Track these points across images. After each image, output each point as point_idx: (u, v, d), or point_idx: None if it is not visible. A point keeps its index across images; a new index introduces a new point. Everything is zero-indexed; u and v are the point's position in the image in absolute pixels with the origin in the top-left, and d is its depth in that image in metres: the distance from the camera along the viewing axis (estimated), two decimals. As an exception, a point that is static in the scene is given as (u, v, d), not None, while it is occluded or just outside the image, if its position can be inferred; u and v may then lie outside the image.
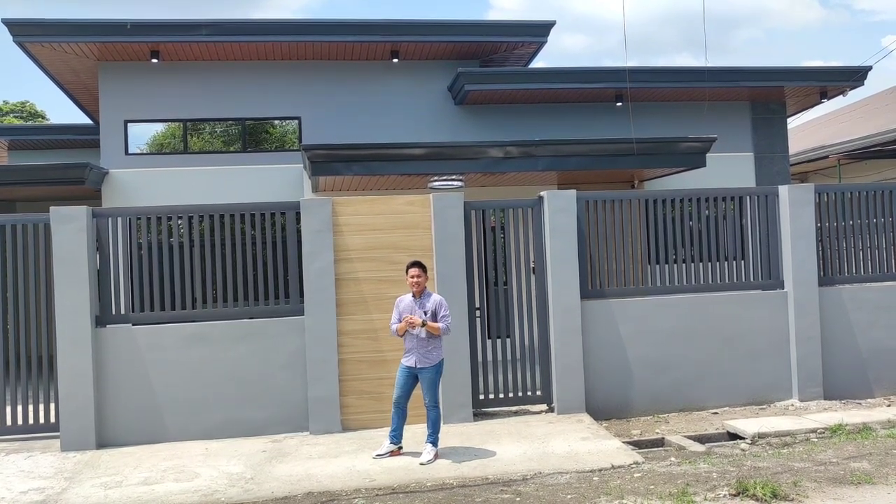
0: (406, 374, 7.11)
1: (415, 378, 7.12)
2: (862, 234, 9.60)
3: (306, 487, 6.36)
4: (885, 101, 21.69)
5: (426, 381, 7.07)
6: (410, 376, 7.11)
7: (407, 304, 7.15)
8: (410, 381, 7.12)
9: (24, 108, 31.83)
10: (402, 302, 7.20)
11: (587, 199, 8.91)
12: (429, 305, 7.09)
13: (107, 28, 12.25)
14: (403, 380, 7.12)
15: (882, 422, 7.91)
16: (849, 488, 5.80)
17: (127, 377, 8.04)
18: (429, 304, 7.10)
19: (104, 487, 6.58)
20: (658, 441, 7.85)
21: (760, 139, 14.90)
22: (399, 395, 7.12)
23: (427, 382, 7.07)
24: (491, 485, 6.24)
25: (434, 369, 7.08)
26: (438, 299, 7.19)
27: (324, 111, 13.62)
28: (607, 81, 13.46)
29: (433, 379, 7.08)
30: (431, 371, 7.07)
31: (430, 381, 7.07)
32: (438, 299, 7.19)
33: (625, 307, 8.88)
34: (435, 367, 7.09)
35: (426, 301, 7.12)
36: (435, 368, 7.09)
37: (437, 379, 7.11)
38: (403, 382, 7.12)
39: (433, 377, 7.08)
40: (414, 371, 7.08)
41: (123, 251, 8.24)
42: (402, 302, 7.20)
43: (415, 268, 7.13)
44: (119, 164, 13.11)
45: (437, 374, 7.12)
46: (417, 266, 7.15)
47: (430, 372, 7.07)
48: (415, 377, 7.11)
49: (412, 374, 7.10)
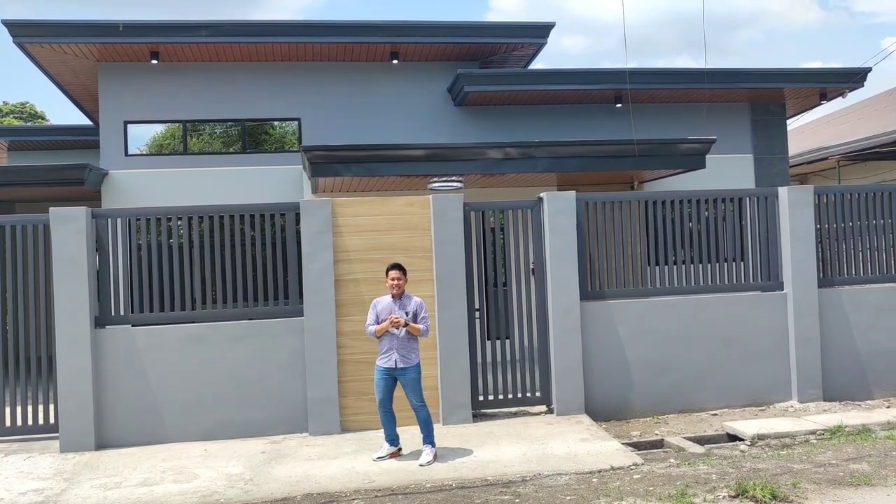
0: (385, 375, 7.12)
1: (394, 379, 7.14)
2: (861, 236, 9.60)
3: (305, 489, 6.36)
4: (885, 103, 21.70)
5: (409, 382, 7.09)
6: (390, 378, 7.13)
7: (385, 305, 7.16)
8: (391, 383, 7.14)
9: (23, 108, 31.86)
10: (379, 303, 7.22)
11: (587, 201, 8.92)
12: (410, 307, 7.12)
13: (107, 29, 12.25)
14: (384, 382, 7.13)
15: (881, 423, 7.91)
16: (848, 490, 5.80)
17: (126, 378, 8.03)
18: (410, 305, 7.14)
19: (103, 488, 6.57)
20: (657, 442, 7.84)
21: (760, 140, 14.90)
22: (382, 397, 7.13)
23: (410, 383, 7.09)
24: (490, 486, 6.24)
25: (414, 369, 7.12)
26: (419, 301, 7.22)
27: (324, 112, 13.62)
28: (607, 83, 13.46)
29: (415, 379, 7.11)
30: (412, 371, 7.10)
31: (413, 381, 7.10)
32: (419, 301, 7.22)
33: (624, 308, 8.88)
34: (415, 367, 7.13)
35: (406, 303, 7.16)
36: (415, 368, 7.13)
37: (418, 378, 7.15)
38: (384, 385, 7.13)
39: (415, 377, 7.11)
40: (393, 373, 7.10)
41: (123, 252, 8.24)
42: (380, 303, 7.21)
43: (395, 270, 7.17)
44: (119, 165, 13.11)
45: (419, 374, 7.16)
46: (398, 269, 7.19)
47: (412, 372, 7.10)
48: (394, 379, 7.14)
49: (391, 376, 7.12)
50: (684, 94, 14.04)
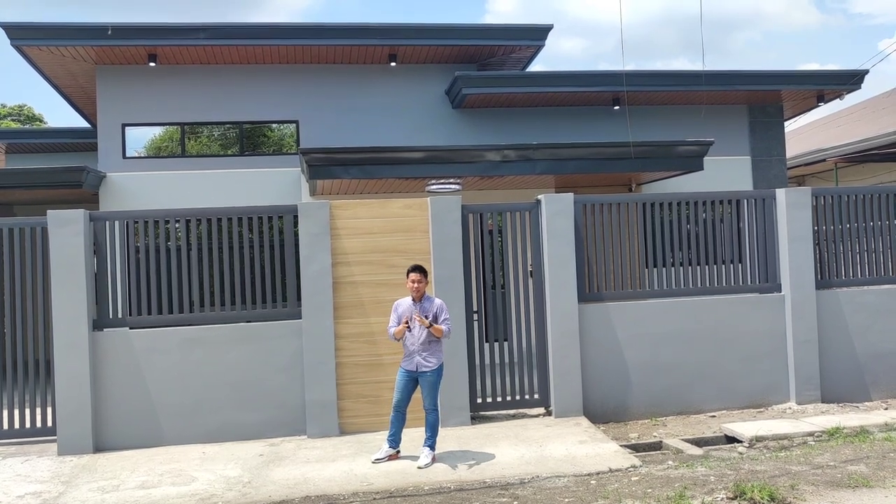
0: (406, 378, 7.10)
1: (415, 382, 7.11)
2: (859, 238, 9.61)
3: (304, 491, 6.35)
4: (882, 105, 21.74)
5: (427, 384, 7.06)
6: (411, 380, 7.10)
7: (406, 307, 7.14)
8: (411, 385, 7.11)
9: (21, 111, 31.83)
10: (400, 305, 7.20)
11: (584, 203, 8.92)
12: (431, 309, 7.09)
13: (104, 32, 12.24)
14: (403, 384, 7.11)
15: (879, 425, 7.92)
16: (846, 491, 5.80)
17: (124, 381, 8.02)
18: (431, 307, 7.10)
19: (101, 491, 6.56)
20: (656, 444, 7.84)
21: (757, 142, 14.93)
22: (399, 398, 7.11)
23: (428, 386, 7.06)
24: (488, 488, 6.24)
25: (436, 372, 7.08)
26: (440, 303, 7.19)
27: (322, 114, 13.62)
28: (605, 85, 13.49)
29: (434, 382, 7.08)
30: (433, 374, 7.06)
31: (432, 384, 7.07)
32: (440, 303, 7.19)
33: (622, 310, 8.89)
34: (436, 370, 7.08)
35: (427, 305, 7.12)
36: (436, 371, 7.08)
37: (437, 382, 7.11)
38: (403, 386, 7.11)
39: (434, 380, 7.08)
40: (414, 375, 7.07)
41: (121, 254, 8.24)
42: (401, 305, 7.19)
43: (416, 272, 7.12)
44: (116, 168, 13.11)
45: (439, 378, 7.12)
46: (419, 271, 7.13)
47: (433, 375, 7.06)
48: (415, 381, 7.10)
49: (413, 378, 7.09)
50: (682, 96, 14.06)
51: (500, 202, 10.01)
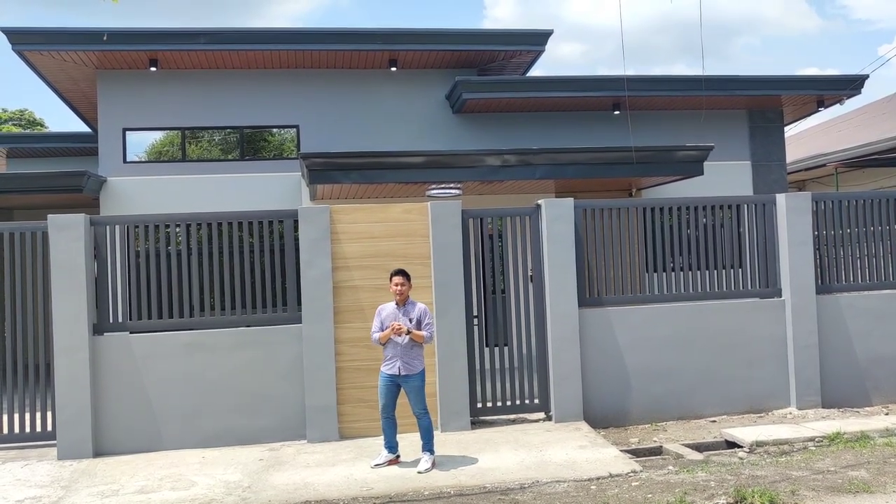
0: (389, 382, 7.10)
1: (398, 386, 7.13)
2: (860, 243, 9.61)
3: (304, 496, 6.34)
4: (882, 110, 21.77)
5: (413, 389, 7.07)
6: (393, 385, 7.11)
7: (389, 312, 7.15)
8: (394, 389, 7.13)
9: (22, 116, 31.89)
10: (383, 310, 7.21)
11: (585, 208, 8.93)
12: (414, 314, 7.10)
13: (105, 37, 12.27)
14: (387, 389, 7.12)
15: (880, 430, 7.90)
16: (846, 497, 5.79)
17: (124, 385, 8.02)
18: (413, 312, 7.11)
19: (100, 496, 6.56)
20: (656, 449, 7.83)
21: (758, 147, 14.93)
22: (385, 403, 7.12)
23: (413, 391, 7.07)
24: (488, 493, 6.23)
25: (419, 377, 7.09)
26: (423, 307, 7.19)
27: (322, 119, 13.65)
28: (605, 90, 13.50)
29: (419, 387, 7.09)
30: (416, 379, 7.08)
31: (417, 388, 7.08)
32: (423, 307, 7.19)
33: (622, 315, 8.88)
34: (419, 374, 7.10)
35: (410, 309, 7.13)
36: (419, 376, 7.10)
37: (422, 386, 7.13)
38: (387, 391, 7.12)
39: (419, 385, 7.09)
40: (397, 380, 7.08)
41: (121, 259, 8.24)
42: (385, 310, 7.20)
43: (399, 276, 7.15)
44: (117, 172, 13.12)
45: (423, 382, 7.14)
46: (401, 274, 7.16)
47: (416, 380, 7.07)
48: (398, 385, 7.12)
49: (395, 383, 7.10)
50: (682, 101, 14.07)
51: (500, 207, 10.00)
